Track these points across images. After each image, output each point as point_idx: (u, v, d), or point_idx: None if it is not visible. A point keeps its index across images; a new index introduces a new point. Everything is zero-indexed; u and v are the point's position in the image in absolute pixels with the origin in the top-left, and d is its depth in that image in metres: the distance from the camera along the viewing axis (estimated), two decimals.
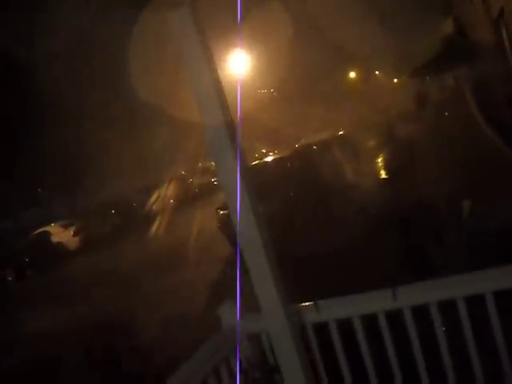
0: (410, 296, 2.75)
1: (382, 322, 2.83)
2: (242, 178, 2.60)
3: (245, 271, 2.76)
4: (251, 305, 2.98)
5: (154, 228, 24.25)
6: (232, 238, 11.30)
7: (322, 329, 2.99)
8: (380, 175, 19.44)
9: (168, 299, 10.60)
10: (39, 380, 8.33)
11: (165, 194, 30.92)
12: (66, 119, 30.26)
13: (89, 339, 9.31)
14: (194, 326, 7.72)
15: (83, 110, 29.84)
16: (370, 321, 2.92)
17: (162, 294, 11.23)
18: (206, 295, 9.70)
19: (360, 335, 2.89)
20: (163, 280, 12.59)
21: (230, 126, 2.60)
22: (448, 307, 2.73)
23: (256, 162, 19.06)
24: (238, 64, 19.61)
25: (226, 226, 12.00)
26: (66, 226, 25.92)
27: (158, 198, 30.66)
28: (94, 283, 15.09)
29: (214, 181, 31.15)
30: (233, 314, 2.90)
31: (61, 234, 25.28)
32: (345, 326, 2.96)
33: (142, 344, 8.18)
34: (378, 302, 2.83)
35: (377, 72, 57.87)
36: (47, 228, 26.25)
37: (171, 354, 6.66)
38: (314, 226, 11.02)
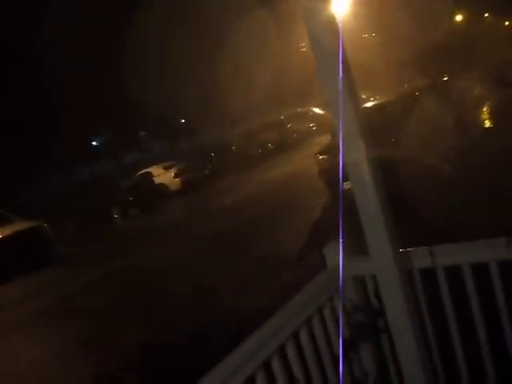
0: None
1: (494, 272, 2.71)
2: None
3: (346, 217, 2.72)
4: (354, 248, 2.97)
5: (252, 171, 24.56)
6: (330, 182, 11.27)
7: (429, 275, 2.91)
8: (484, 124, 18.65)
9: (265, 241, 10.74)
10: None
11: (264, 139, 31.01)
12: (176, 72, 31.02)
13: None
14: (295, 267, 7.83)
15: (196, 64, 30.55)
16: (480, 272, 2.80)
17: (258, 234, 11.43)
18: (305, 238, 9.72)
19: (469, 283, 2.79)
20: (257, 220, 12.86)
21: (348, 78, 2.59)
22: None
23: None
24: (341, 7, 19.04)
25: (326, 171, 11.98)
26: (167, 168, 26.61)
27: (257, 142, 30.84)
28: (195, 221, 15.65)
29: (312, 126, 30.90)
30: (338, 254, 2.87)
31: (163, 176, 26.01)
32: (453, 275, 2.86)
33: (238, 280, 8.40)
34: (490, 250, 2.70)
35: (486, 14, 54.76)
36: (150, 169, 27.09)
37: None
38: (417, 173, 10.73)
